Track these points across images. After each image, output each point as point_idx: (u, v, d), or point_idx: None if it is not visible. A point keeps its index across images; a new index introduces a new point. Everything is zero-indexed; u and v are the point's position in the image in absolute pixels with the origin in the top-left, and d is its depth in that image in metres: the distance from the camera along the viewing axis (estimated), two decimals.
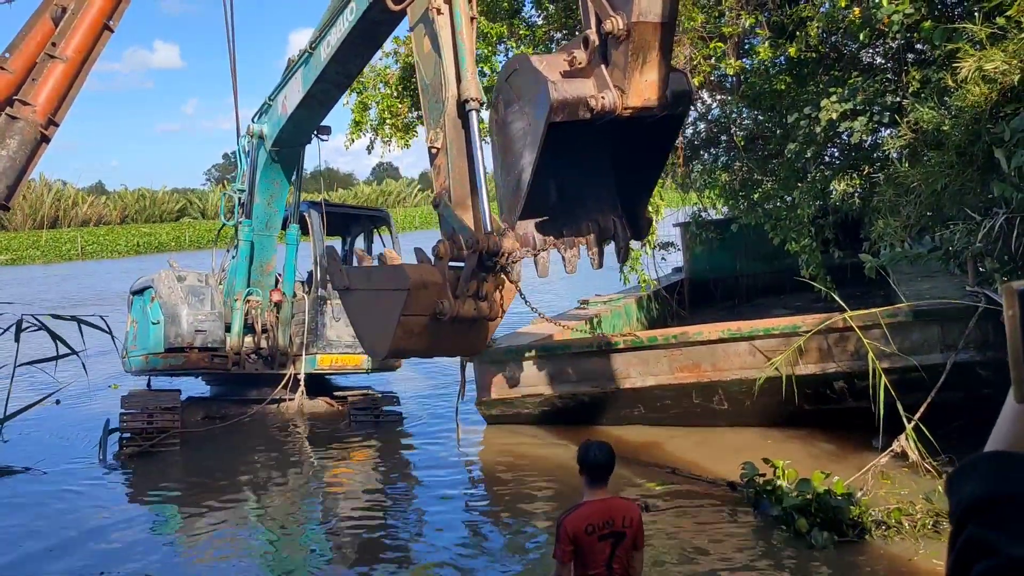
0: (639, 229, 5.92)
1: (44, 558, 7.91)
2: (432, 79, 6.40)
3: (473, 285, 5.75)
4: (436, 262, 5.81)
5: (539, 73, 5.05)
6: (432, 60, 6.39)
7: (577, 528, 4.69)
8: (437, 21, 6.22)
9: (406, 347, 6.03)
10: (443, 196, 6.27)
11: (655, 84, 5.08)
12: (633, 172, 5.78)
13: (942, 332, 9.04)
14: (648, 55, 5.01)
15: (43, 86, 7.95)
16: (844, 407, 9.55)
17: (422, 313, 5.66)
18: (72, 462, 11.26)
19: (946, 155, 9.14)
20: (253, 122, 11.77)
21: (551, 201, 5.79)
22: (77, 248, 66.56)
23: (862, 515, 7.12)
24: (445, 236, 6.03)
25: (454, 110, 6.21)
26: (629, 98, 5.04)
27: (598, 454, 4.85)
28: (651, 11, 4.91)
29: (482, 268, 5.71)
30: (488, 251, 5.62)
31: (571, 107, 5.02)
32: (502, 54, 15.42)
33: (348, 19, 8.03)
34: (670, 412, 10.36)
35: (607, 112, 5.06)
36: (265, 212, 12.34)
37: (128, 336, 13.13)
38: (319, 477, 10.75)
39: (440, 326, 5.72)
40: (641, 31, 4.93)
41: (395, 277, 5.71)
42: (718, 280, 19.36)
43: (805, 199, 13.16)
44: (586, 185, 5.84)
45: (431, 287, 5.63)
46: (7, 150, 7.76)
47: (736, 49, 13.56)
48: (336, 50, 8.53)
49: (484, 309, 5.84)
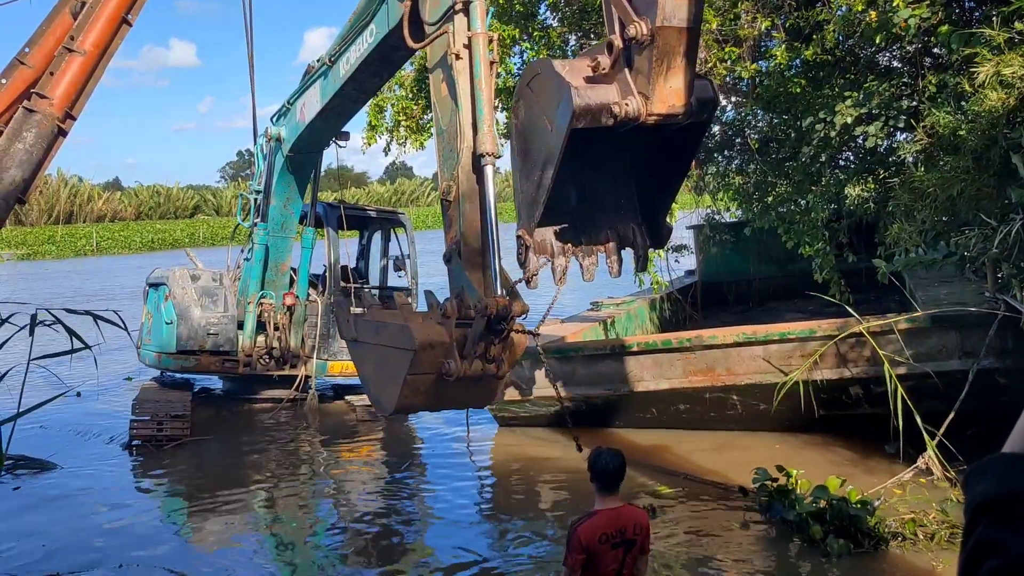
0: (659, 237, 5.83)
1: (52, 551, 7.94)
2: (448, 126, 6.26)
3: (481, 347, 5.67)
4: (443, 321, 5.72)
5: (561, 78, 4.98)
6: (448, 107, 6.24)
7: (591, 538, 4.72)
8: (455, 67, 6.06)
9: (412, 404, 6.01)
10: (453, 252, 6.16)
11: (680, 91, 4.96)
12: (654, 179, 5.70)
13: (960, 339, 8.97)
14: (673, 61, 4.90)
15: (60, 79, 7.99)
16: (860, 413, 9.50)
17: (428, 372, 5.62)
18: (86, 456, 11.33)
19: (962, 160, 9.09)
20: (272, 124, 11.81)
21: (570, 207, 5.71)
22: (92, 244, 66.90)
23: (878, 525, 7.05)
24: (453, 294, 5.94)
25: (469, 162, 6.05)
26: (653, 105, 4.94)
27: (609, 461, 4.87)
28: (676, 15, 4.80)
29: (490, 331, 5.64)
30: (496, 315, 5.56)
31: (594, 113, 4.92)
32: (516, 56, 15.43)
33: (368, 41, 7.95)
34: (683, 416, 10.34)
35: (631, 119, 4.95)
36: (281, 214, 12.40)
37: (143, 328, 13.24)
38: (328, 475, 10.77)
39: (447, 384, 5.66)
40: (666, 36, 4.82)
41: (402, 337, 5.65)
42: (731, 283, 19.30)
43: (819, 203, 13.11)
44: (606, 191, 5.76)
45: (438, 347, 5.56)
46: (24, 143, 7.79)
47: (751, 52, 13.51)
48: (355, 69, 8.47)
49: (492, 369, 5.75)
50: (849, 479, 7.90)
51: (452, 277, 6.20)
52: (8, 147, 7.69)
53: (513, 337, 5.85)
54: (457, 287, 6.05)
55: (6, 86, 8.17)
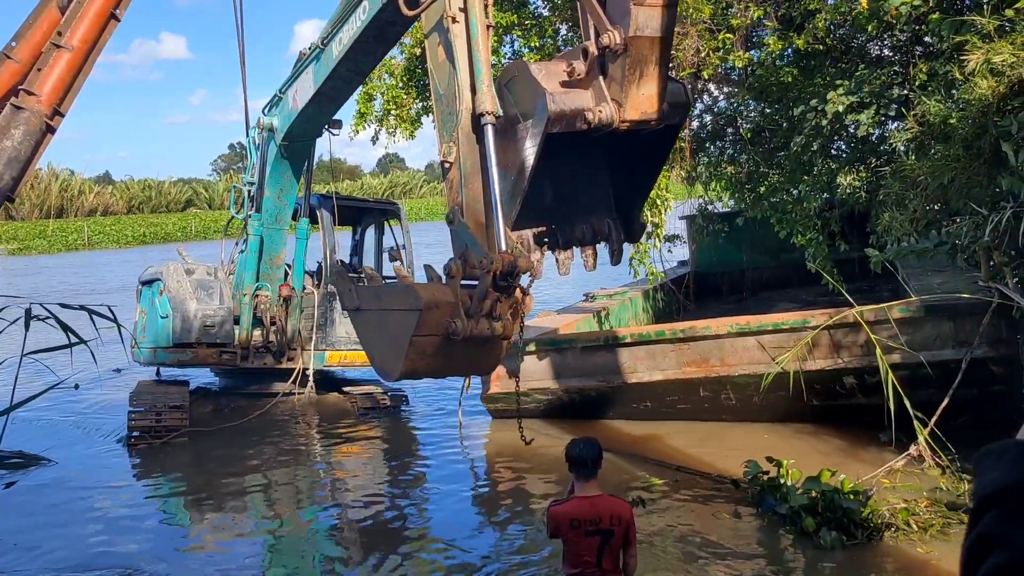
0: (633, 232, 5.94)
1: (49, 551, 7.92)
2: (446, 89, 6.21)
3: (487, 305, 5.64)
4: (448, 281, 5.68)
5: (537, 83, 5.08)
6: (446, 70, 6.19)
7: (562, 519, 4.94)
8: (452, 30, 6.01)
9: (418, 368, 5.95)
10: (456, 212, 6.12)
11: (652, 98, 5.10)
12: (629, 178, 5.82)
13: (954, 328, 9.00)
14: (645, 69, 5.03)
15: (48, 76, 7.93)
16: (853, 403, 9.52)
17: (434, 333, 5.56)
18: (82, 451, 11.33)
19: (953, 148, 9.09)
20: (264, 114, 11.73)
21: (546, 203, 5.78)
22: (84, 238, 66.70)
23: (871, 515, 7.05)
24: (457, 254, 5.91)
25: (468, 123, 5.99)
26: (627, 111, 5.07)
27: (583, 450, 5.07)
28: (648, 26, 4.93)
29: (496, 288, 5.62)
30: (502, 271, 5.53)
31: (568, 119, 5.05)
32: (508, 45, 15.40)
33: (361, 18, 7.86)
34: (677, 407, 10.35)
35: (604, 125, 5.09)
36: (275, 205, 12.32)
37: (137, 326, 13.14)
38: (325, 469, 10.78)
39: (453, 346, 5.60)
40: (638, 46, 4.96)
41: (407, 297, 5.61)
42: (724, 273, 19.34)
43: (811, 192, 13.13)
44: (581, 187, 5.85)
45: (443, 307, 5.51)
46: (12, 140, 7.74)
47: (744, 41, 13.50)
48: (348, 48, 8.37)
49: (498, 328, 5.69)
50: (840, 468, 7.93)
51: (455, 238, 6.16)
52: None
53: (518, 295, 5.85)
54: (461, 246, 6.03)
55: None
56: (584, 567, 4.94)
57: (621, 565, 5.02)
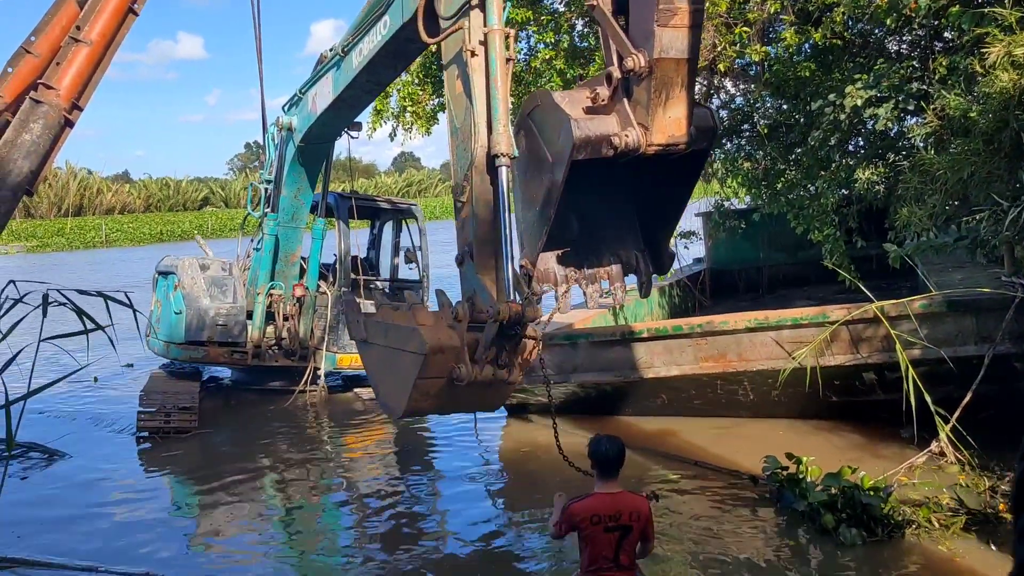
0: (661, 264, 5.84)
1: (62, 542, 7.93)
2: (462, 125, 6.12)
3: (492, 351, 5.59)
4: (454, 324, 5.63)
5: (561, 110, 4.98)
6: (463, 104, 6.09)
7: (582, 516, 4.93)
8: (471, 64, 5.91)
9: (422, 408, 5.94)
10: (466, 254, 6.06)
11: (680, 121, 4.99)
12: (656, 206, 5.72)
13: (976, 323, 8.88)
14: (671, 91, 4.92)
15: (67, 70, 7.93)
16: (873, 399, 9.42)
17: (439, 376, 5.54)
18: (95, 444, 11.36)
19: (973, 142, 8.99)
20: (284, 112, 11.74)
21: (572, 234, 5.69)
22: (102, 236, 67.00)
23: (892, 512, 6.95)
24: (465, 297, 5.87)
25: (483, 162, 5.89)
26: (653, 135, 4.96)
27: (608, 448, 5.04)
28: (673, 47, 4.81)
29: (502, 336, 5.57)
30: (509, 320, 5.47)
31: (594, 145, 4.94)
32: (524, 40, 15.35)
33: (381, 32, 7.80)
34: (693, 402, 10.28)
35: (631, 150, 4.98)
36: (291, 204, 12.34)
37: (152, 316, 13.21)
38: (338, 465, 10.76)
39: (457, 389, 5.59)
40: (664, 68, 4.85)
41: (412, 340, 5.56)
42: (740, 270, 19.21)
43: (829, 188, 13.02)
44: (608, 218, 5.76)
45: (448, 352, 5.48)
46: (31, 134, 7.75)
47: (760, 35, 13.41)
48: (368, 61, 8.32)
49: (503, 374, 5.66)
50: (859, 464, 7.83)
51: (464, 279, 6.10)
52: (15, 138, 7.65)
53: (525, 342, 5.78)
54: (469, 290, 5.96)
55: (13, 75, 8.13)
56: (602, 562, 4.95)
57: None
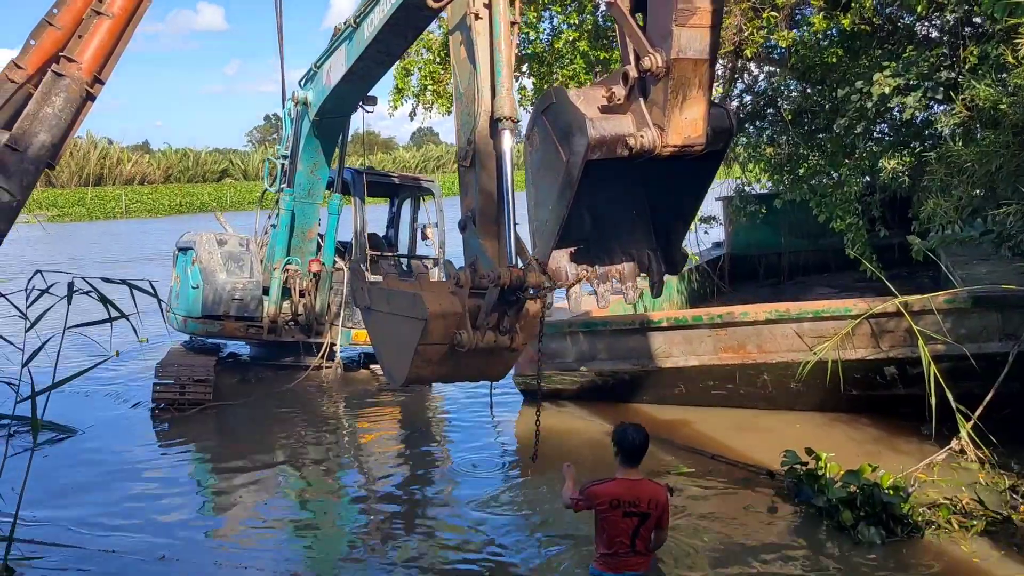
0: (674, 264, 5.78)
1: (82, 522, 7.96)
2: (466, 88, 6.10)
3: (494, 317, 5.54)
4: (456, 290, 5.59)
5: (576, 109, 4.91)
6: (467, 69, 6.08)
7: (601, 498, 5.19)
8: (474, 27, 5.88)
9: (424, 375, 5.91)
10: (468, 219, 6.05)
11: (697, 122, 4.91)
12: (670, 205, 5.65)
13: (1002, 319, 8.72)
14: (689, 92, 4.83)
15: (88, 43, 7.91)
16: (893, 394, 9.32)
17: (440, 342, 5.51)
18: (111, 421, 11.38)
19: (1003, 134, 8.84)
20: (300, 87, 11.70)
21: (585, 232, 5.65)
22: (121, 206, 67.31)
23: (912, 511, 6.86)
24: (467, 263, 5.84)
25: (486, 126, 5.88)
26: (669, 136, 4.89)
27: (635, 437, 5.27)
28: (691, 47, 4.73)
29: (503, 302, 5.52)
30: (510, 285, 5.43)
31: (609, 145, 4.88)
32: (547, 20, 15.21)
33: (391, 1, 7.76)
34: (712, 393, 10.20)
35: (646, 151, 4.91)
36: (308, 179, 12.34)
37: (171, 292, 13.30)
38: (352, 445, 10.79)
39: (459, 356, 5.56)
40: (681, 68, 4.76)
41: (414, 306, 5.53)
42: (760, 256, 19.04)
43: (852, 176, 12.86)
44: (621, 217, 5.70)
45: (449, 317, 5.45)
46: (52, 107, 7.75)
47: (788, 20, 13.20)
48: (379, 30, 8.29)
49: (504, 341, 5.60)
50: (878, 459, 7.76)
51: (467, 246, 6.11)
52: (37, 111, 7.67)
53: (528, 308, 5.74)
54: (471, 256, 5.96)
55: (35, 47, 8.14)
56: (618, 547, 5.18)
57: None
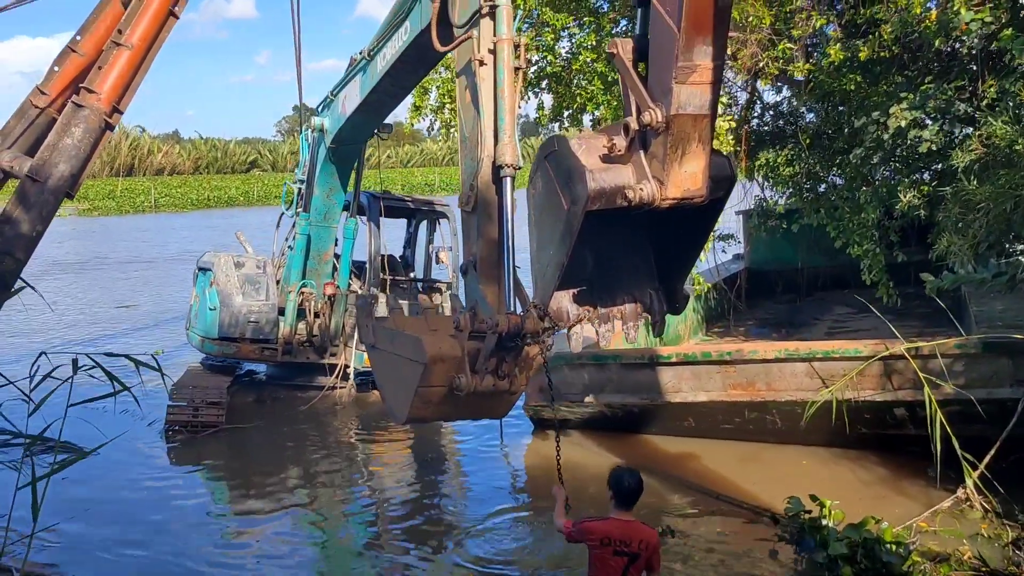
0: (676, 304, 5.82)
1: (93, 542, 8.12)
2: (470, 132, 6.18)
3: (493, 362, 5.61)
4: (457, 334, 5.67)
5: (577, 159, 4.96)
6: (472, 114, 6.15)
7: (593, 535, 5.32)
8: (479, 73, 5.94)
9: (424, 415, 6.02)
10: (470, 264, 6.14)
11: (696, 175, 4.96)
12: (672, 249, 5.70)
13: (1013, 365, 8.66)
14: (688, 147, 4.88)
15: (108, 74, 8.09)
16: (903, 434, 9.29)
17: (439, 385, 5.60)
18: (125, 440, 11.49)
19: (1018, 174, 8.77)
20: (317, 114, 11.86)
21: (587, 273, 5.69)
22: (151, 200, 68.09)
23: (911, 569, 6.82)
24: (468, 307, 5.93)
25: (488, 172, 5.95)
26: (668, 189, 4.94)
27: (630, 482, 5.41)
28: (691, 103, 4.77)
29: (502, 348, 5.59)
30: (508, 332, 5.50)
31: (608, 197, 4.94)
32: (565, 39, 15.19)
33: (403, 38, 7.91)
34: (720, 427, 10.21)
35: (645, 204, 4.96)
36: (324, 204, 12.56)
37: (191, 310, 13.52)
38: (364, 466, 10.94)
39: (458, 397, 5.64)
40: (681, 123, 4.81)
41: (414, 349, 5.63)
42: (779, 271, 18.96)
43: (870, 203, 12.81)
44: (623, 259, 5.74)
45: (449, 361, 5.53)
46: (72, 138, 7.94)
47: (805, 51, 13.14)
48: (391, 65, 8.46)
49: (504, 385, 5.69)
50: (882, 501, 7.76)
51: (467, 290, 6.22)
52: (57, 142, 7.88)
53: (527, 351, 5.81)
54: (472, 300, 6.07)
55: (59, 73, 8.35)
56: None
57: None
